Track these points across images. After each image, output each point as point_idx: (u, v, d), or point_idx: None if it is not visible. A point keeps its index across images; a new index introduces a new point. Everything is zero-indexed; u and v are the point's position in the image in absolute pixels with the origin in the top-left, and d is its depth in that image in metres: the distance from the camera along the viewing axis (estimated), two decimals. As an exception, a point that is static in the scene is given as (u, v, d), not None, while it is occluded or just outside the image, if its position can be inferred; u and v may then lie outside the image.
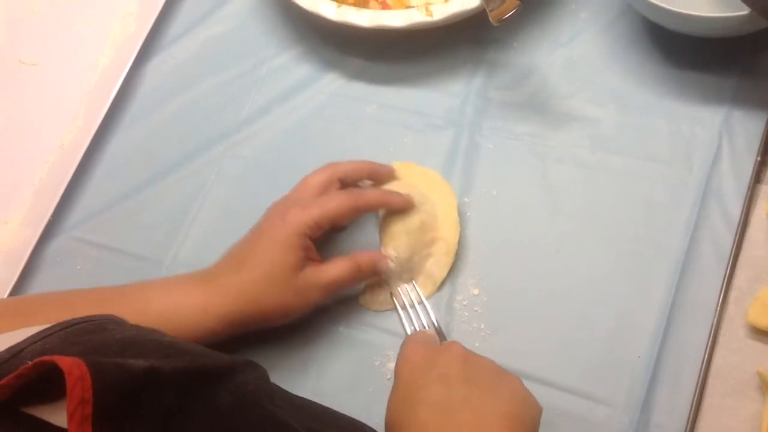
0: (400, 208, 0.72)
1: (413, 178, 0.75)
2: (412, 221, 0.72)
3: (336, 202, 0.68)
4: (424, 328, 0.70)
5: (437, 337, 0.68)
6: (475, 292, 0.72)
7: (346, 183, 0.72)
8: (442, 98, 0.81)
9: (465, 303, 0.71)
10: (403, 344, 0.63)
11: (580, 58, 0.79)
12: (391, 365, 0.70)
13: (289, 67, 0.87)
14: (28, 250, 0.80)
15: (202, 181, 0.83)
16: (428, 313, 0.71)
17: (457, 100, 0.80)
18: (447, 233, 0.73)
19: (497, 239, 0.73)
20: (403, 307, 0.72)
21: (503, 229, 0.74)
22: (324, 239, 0.72)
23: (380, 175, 0.74)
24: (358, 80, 0.84)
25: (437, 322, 0.70)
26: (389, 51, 0.84)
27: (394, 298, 0.72)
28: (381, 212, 0.74)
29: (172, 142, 0.86)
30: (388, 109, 0.82)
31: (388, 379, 0.69)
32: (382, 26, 0.78)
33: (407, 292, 0.72)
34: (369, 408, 0.68)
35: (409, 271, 0.73)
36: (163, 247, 0.80)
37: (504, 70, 0.80)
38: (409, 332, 0.71)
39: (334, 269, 0.68)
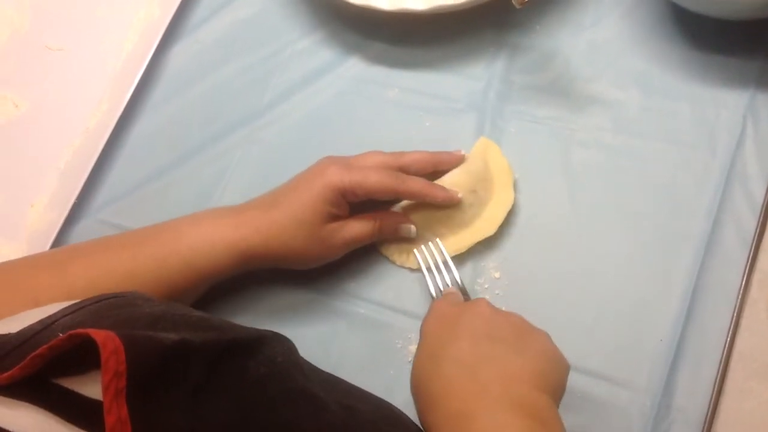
0: (442, 205, 0.72)
1: (490, 173, 0.74)
2: (438, 214, 0.73)
3: (377, 178, 0.69)
4: (448, 287, 0.70)
5: (462, 296, 0.68)
6: (496, 275, 0.72)
7: (408, 173, 0.72)
8: (464, 82, 0.80)
9: (486, 286, 0.71)
10: (431, 305, 0.64)
11: (603, 42, 0.78)
12: (413, 347, 0.70)
13: (312, 51, 0.87)
14: (53, 233, 0.81)
15: (225, 164, 0.83)
16: (452, 272, 0.71)
17: (479, 84, 0.80)
18: (462, 241, 0.73)
19: (519, 223, 0.73)
20: (428, 268, 0.72)
21: (525, 213, 0.73)
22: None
23: (446, 165, 0.74)
24: (379, 64, 0.84)
25: (461, 281, 0.70)
26: (411, 35, 0.84)
27: (419, 259, 0.72)
28: None
29: (196, 126, 0.86)
30: (409, 93, 0.82)
31: (410, 362, 0.69)
32: (405, 10, 0.78)
33: (431, 251, 0.72)
34: (390, 390, 0.68)
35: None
36: (186, 230, 0.80)
37: (526, 54, 0.80)
38: (432, 291, 0.71)
39: (356, 227, 0.70)
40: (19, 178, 0.87)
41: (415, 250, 0.72)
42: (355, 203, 0.71)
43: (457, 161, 0.74)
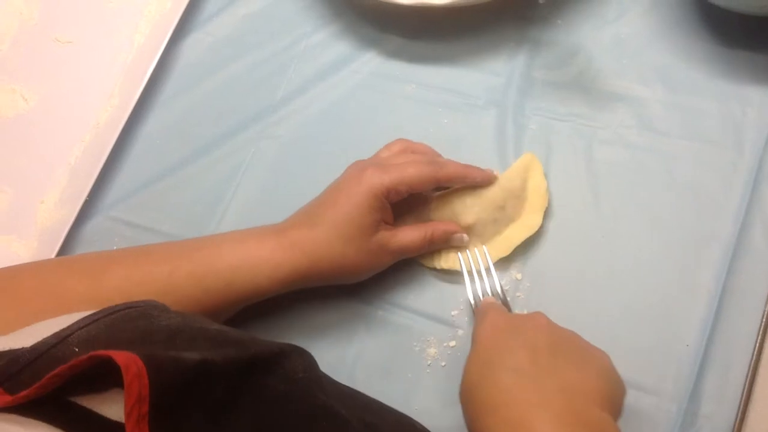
0: (482, 185, 0.71)
1: (525, 192, 0.72)
2: (460, 219, 0.71)
3: (416, 169, 0.67)
4: (488, 294, 0.69)
5: (500, 304, 0.67)
6: (518, 276, 0.70)
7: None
8: (484, 78, 0.79)
9: (507, 288, 0.70)
10: (482, 311, 0.62)
11: (626, 36, 0.76)
12: (431, 351, 0.69)
13: (326, 45, 0.85)
14: (64, 230, 0.79)
15: (239, 161, 0.82)
16: (494, 280, 0.70)
17: (499, 80, 0.78)
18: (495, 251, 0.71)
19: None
20: (470, 272, 0.70)
21: (547, 213, 0.72)
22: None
23: (474, 180, 0.71)
24: (397, 59, 0.82)
25: (503, 292, 0.69)
26: (429, 29, 0.82)
27: (462, 264, 0.71)
28: None
29: (209, 121, 0.85)
30: (427, 88, 0.80)
31: (429, 365, 0.68)
32: (423, 3, 0.76)
33: (476, 256, 0.71)
34: (408, 394, 0.67)
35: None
36: (199, 228, 0.79)
37: (548, 49, 0.78)
38: (471, 297, 0.69)
39: (407, 237, 0.68)
40: (29, 174, 0.85)
41: (459, 254, 0.71)
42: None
43: (486, 180, 0.71)
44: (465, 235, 0.71)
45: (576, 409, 0.51)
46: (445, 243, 0.71)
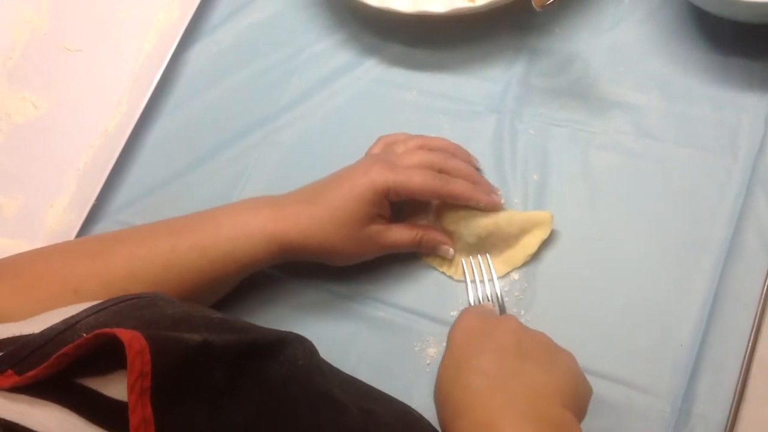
0: (484, 210, 0.72)
1: (514, 243, 0.72)
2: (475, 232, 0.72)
3: (421, 179, 0.69)
4: (488, 300, 0.70)
5: (496, 311, 0.69)
6: (515, 277, 0.71)
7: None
8: (483, 85, 0.80)
9: (505, 288, 0.71)
10: (460, 313, 0.63)
11: (623, 44, 0.78)
12: (431, 351, 0.70)
13: (330, 53, 0.87)
14: (72, 234, 0.81)
15: (243, 166, 0.83)
16: (495, 287, 0.71)
17: (498, 87, 0.80)
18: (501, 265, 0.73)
19: (538, 226, 0.73)
20: (473, 281, 0.72)
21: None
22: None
23: (479, 196, 0.71)
24: (398, 66, 0.84)
25: (501, 298, 0.70)
26: (430, 37, 0.84)
27: (465, 270, 0.72)
28: None
29: (214, 127, 0.86)
30: (428, 95, 0.82)
31: (428, 365, 0.70)
32: (424, 12, 0.77)
33: (479, 264, 0.72)
34: (408, 393, 0.68)
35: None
36: (204, 232, 0.80)
37: (546, 56, 0.79)
38: (471, 301, 0.71)
39: (397, 235, 0.71)
40: (39, 179, 0.87)
41: (462, 261, 0.72)
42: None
43: (490, 207, 0.72)
44: (451, 249, 0.72)
45: (540, 409, 0.52)
46: (432, 250, 0.73)
